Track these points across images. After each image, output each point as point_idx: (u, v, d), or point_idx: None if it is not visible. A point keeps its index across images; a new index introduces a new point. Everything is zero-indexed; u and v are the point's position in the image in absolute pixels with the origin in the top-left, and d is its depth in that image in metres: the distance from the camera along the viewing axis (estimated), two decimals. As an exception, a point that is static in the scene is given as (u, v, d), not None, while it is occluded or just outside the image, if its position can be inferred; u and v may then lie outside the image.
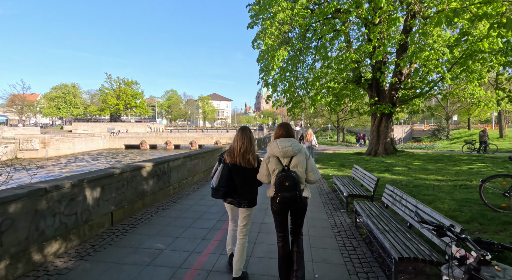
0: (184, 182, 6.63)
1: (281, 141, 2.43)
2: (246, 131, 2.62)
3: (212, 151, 8.79)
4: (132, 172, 4.44)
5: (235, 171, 2.53)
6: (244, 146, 2.53)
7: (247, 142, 2.55)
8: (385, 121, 14.14)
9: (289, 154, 2.35)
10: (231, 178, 2.52)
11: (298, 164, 2.35)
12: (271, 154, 2.42)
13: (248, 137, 2.58)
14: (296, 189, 2.25)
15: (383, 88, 13.88)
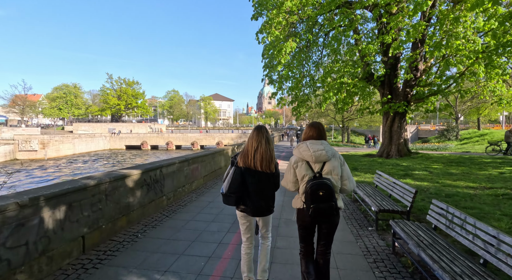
0: (181, 190, 5.78)
1: (312, 143, 2.14)
2: (262, 131, 2.31)
3: (213, 154, 7.94)
4: (113, 182, 3.59)
5: (249, 175, 2.24)
6: (260, 148, 2.24)
7: (264, 143, 2.26)
8: (398, 121, 13.21)
9: (322, 158, 2.07)
10: (243, 183, 2.24)
11: (332, 170, 2.07)
12: (299, 158, 2.12)
13: (265, 138, 2.28)
14: (331, 199, 1.98)
15: (396, 86, 12.95)
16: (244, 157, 2.28)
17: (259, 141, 2.27)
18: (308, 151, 2.10)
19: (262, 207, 2.29)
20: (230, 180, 2.24)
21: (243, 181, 2.24)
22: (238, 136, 49.66)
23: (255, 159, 2.24)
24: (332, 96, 9.30)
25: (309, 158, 2.09)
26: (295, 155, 2.21)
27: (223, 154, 8.99)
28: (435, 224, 3.06)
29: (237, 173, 2.24)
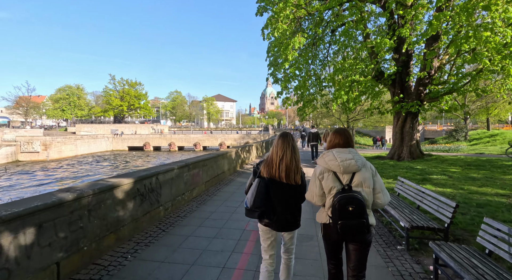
0: (180, 198, 5.23)
1: (339, 151, 1.97)
2: (288, 139, 2.14)
3: (215, 157, 7.39)
4: (98, 195, 3.05)
5: (274, 187, 2.09)
6: (286, 158, 2.09)
7: (290, 153, 2.10)
8: (410, 121, 12.54)
9: (351, 169, 1.88)
10: (268, 196, 2.07)
11: (363, 182, 1.88)
12: (325, 168, 1.95)
13: (291, 147, 2.12)
14: (362, 215, 1.79)
15: (408, 84, 12.31)
16: (268, 166, 2.11)
17: (284, 150, 2.08)
18: (335, 161, 1.90)
19: (288, 220, 2.11)
20: (255, 193, 2.02)
21: (268, 193, 2.06)
22: (241, 137, 49.15)
23: (280, 169, 2.07)
24: (343, 95, 8.71)
25: (336, 168, 1.88)
26: (320, 165, 1.99)
27: (226, 157, 8.44)
28: (491, 249, 2.47)
29: (261, 185, 2.04)
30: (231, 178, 8.30)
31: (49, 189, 16.71)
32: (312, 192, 1.98)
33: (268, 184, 2.07)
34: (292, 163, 2.08)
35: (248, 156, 11.95)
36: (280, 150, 2.09)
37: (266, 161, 2.16)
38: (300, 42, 7.76)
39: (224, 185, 7.24)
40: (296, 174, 2.09)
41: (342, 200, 1.78)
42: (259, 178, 2.09)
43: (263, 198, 2.02)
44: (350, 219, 1.76)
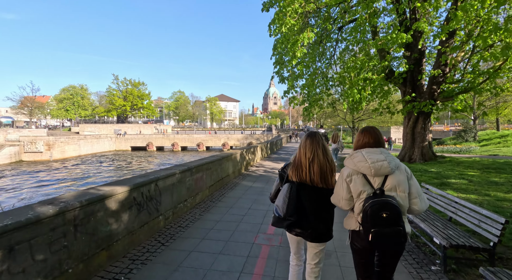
0: (182, 206, 4.81)
1: (369, 152, 1.78)
2: (317, 139, 1.96)
3: (219, 160, 6.96)
4: (87, 207, 2.64)
5: (305, 192, 1.89)
6: (317, 159, 1.89)
7: (321, 153, 1.91)
8: (422, 122, 11.99)
9: (384, 171, 1.69)
10: (301, 203, 1.86)
11: (397, 186, 1.69)
12: (354, 170, 1.77)
13: (321, 147, 1.93)
14: (398, 223, 1.58)
15: (420, 83, 11.77)
16: (297, 170, 1.93)
17: (314, 151, 1.93)
18: (365, 162, 1.75)
19: (321, 230, 1.93)
20: (287, 199, 1.86)
21: (300, 200, 1.89)
22: (244, 137, 48.76)
23: (311, 172, 1.89)
24: (356, 94, 8.22)
25: (366, 170, 1.73)
26: (348, 166, 1.84)
27: (231, 159, 8.01)
28: None
29: (293, 191, 1.88)
30: (236, 181, 7.88)
31: (50, 193, 16.47)
32: (338, 195, 1.81)
33: (299, 189, 1.89)
34: (325, 164, 1.91)
35: (253, 158, 11.52)
36: (309, 151, 1.92)
37: (293, 164, 1.97)
38: (309, 37, 7.30)
39: (229, 189, 6.81)
40: (331, 176, 1.93)
41: (375, 205, 1.62)
42: (289, 183, 1.90)
43: (295, 205, 1.85)
44: (385, 226, 1.60)
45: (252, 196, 6.21)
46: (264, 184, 7.60)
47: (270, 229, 4.12)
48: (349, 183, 1.77)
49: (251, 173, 9.34)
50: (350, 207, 1.79)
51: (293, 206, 1.84)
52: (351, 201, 1.77)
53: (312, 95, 11.94)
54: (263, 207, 5.33)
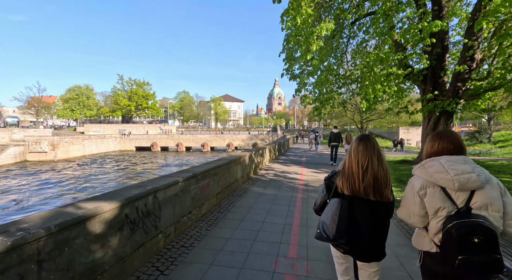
0: (186, 219, 4.12)
1: (450, 161, 1.47)
2: (371, 144, 1.67)
3: (228, 164, 6.26)
4: (59, 234, 1.97)
5: (359, 207, 1.63)
6: (371, 168, 1.61)
7: (376, 161, 1.63)
8: (443, 122, 11.14)
9: (471, 185, 1.39)
10: (354, 220, 1.62)
11: (489, 204, 1.39)
12: (429, 182, 1.49)
13: (376, 153, 1.65)
14: (495, 250, 1.29)
15: (442, 80, 10.92)
16: (348, 180, 1.65)
17: (368, 158, 1.63)
18: (445, 173, 1.43)
19: (376, 247, 1.66)
20: (338, 218, 1.60)
21: (353, 216, 1.62)
22: (249, 138, 48.15)
23: (366, 183, 1.60)
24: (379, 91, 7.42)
25: (447, 183, 1.42)
26: (419, 176, 1.54)
27: (239, 162, 7.32)
28: None
29: (344, 206, 1.62)
30: (245, 187, 7.18)
31: (52, 201, 15.99)
32: (408, 210, 1.57)
33: (351, 205, 1.66)
34: (380, 174, 1.64)
35: (262, 160, 10.81)
36: (362, 158, 1.66)
37: (343, 173, 1.72)
38: (327, 28, 6.57)
39: (238, 197, 6.11)
40: (386, 187, 1.66)
41: (462, 227, 1.35)
42: (339, 198, 1.66)
43: (349, 224, 1.62)
44: (477, 254, 1.32)
45: (264, 205, 5.50)
46: (276, 190, 6.89)
47: (291, 251, 3.41)
48: (422, 197, 1.51)
49: (260, 177, 8.63)
50: (424, 224, 1.55)
51: (345, 225, 1.61)
52: (426, 218, 1.53)
53: (323, 93, 11.22)
54: (279, 219, 4.62)
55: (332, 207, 1.66)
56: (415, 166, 1.66)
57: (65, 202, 13.64)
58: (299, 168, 11.15)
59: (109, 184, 18.98)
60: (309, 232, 4.07)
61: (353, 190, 1.64)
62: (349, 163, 1.69)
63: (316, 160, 14.57)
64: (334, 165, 12.53)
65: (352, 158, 1.69)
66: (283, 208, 5.28)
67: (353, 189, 1.64)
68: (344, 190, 1.66)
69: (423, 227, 1.58)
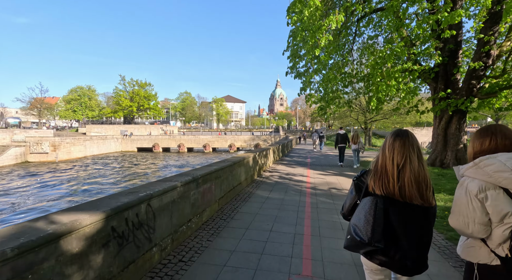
0: (185, 228, 3.69)
1: (511, 157, 1.30)
2: (410, 140, 1.47)
3: (231, 166, 5.83)
4: (19, 259, 1.54)
5: (395, 210, 1.43)
6: (410, 166, 1.42)
7: (416, 159, 1.44)
8: (456, 122, 10.64)
9: None
10: (389, 224, 1.43)
11: None
12: (489, 184, 1.32)
13: (416, 151, 1.46)
14: None
15: (455, 78, 10.43)
16: (381, 179, 1.46)
17: (405, 156, 1.43)
18: (509, 172, 1.26)
19: (417, 259, 1.44)
20: (373, 219, 1.40)
21: (388, 219, 1.43)
22: (251, 138, 47.77)
23: (402, 184, 1.41)
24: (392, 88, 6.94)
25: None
26: (474, 178, 1.36)
27: (243, 164, 6.88)
28: None
29: (378, 209, 1.42)
30: (249, 190, 6.74)
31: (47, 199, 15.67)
32: (466, 218, 1.35)
33: (386, 206, 1.43)
34: (420, 174, 1.42)
35: (266, 161, 10.38)
36: (398, 155, 1.44)
37: (375, 171, 1.51)
38: (337, 20, 6.13)
39: (242, 201, 5.68)
40: (428, 190, 1.43)
41: None
42: (372, 197, 1.44)
43: (384, 226, 1.41)
44: None
45: (271, 211, 5.06)
46: (283, 194, 6.44)
47: (305, 267, 2.96)
48: (483, 201, 1.34)
49: (265, 180, 8.19)
50: (487, 234, 1.36)
51: (381, 229, 1.43)
52: (489, 226, 1.35)
53: (329, 92, 10.78)
54: (288, 228, 4.17)
55: (365, 206, 1.48)
56: (461, 166, 1.49)
57: (61, 206, 13.29)
58: (305, 169, 10.70)
59: (108, 186, 18.64)
60: (323, 243, 3.63)
61: (386, 190, 1.46)
62: (383, 161, 1.51)
63: (321, 161, 14.10)
64: (342, 166, 12.17)
65: (386, 155, 1.50)
66: (292, 215, 4.84)
67: (387, 189, 1.45)
68: (376, 189, 1.48)
69: (484, 236, 1.39)
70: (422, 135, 44.13)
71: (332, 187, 7.41)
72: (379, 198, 1.46)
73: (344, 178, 8.87)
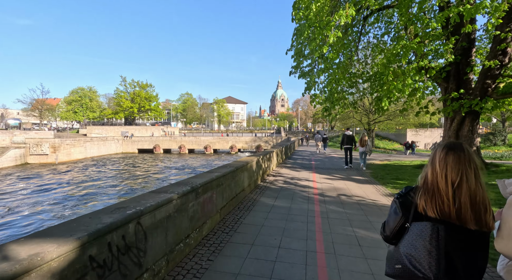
0: (182, 246, 3.25)
1: None
2: (466, 155, 1.26)
3: (233, 172, 5.39)
4: None
5: (452, 236, 1.22)
6: (465, 185, 1.22)
7: (472, 177, 1.23)
8: (469, 123, 10.16)
9: None
10: (449, 256, 1.22)
11: None
12: None
13: (473, 168, 1.24)
14: None
15: (468, 77, 9.97)
16: (434, 199, 1.24)
17: (461, 173, 1.23)
18: None
19: None
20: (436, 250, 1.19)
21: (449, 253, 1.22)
22: (252, 140, 47.33)
23: (459, 205, 1.21)
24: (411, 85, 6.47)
25: None
26: None
27: (246, 169, 6.44)
28: None
29: (442, 235, 1.19)
30: (252, 197, 6.29)
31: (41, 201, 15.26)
32: None
33: (448, 233, 1.21)
34: (478, 195, 1.21)
35: (269, 165, 9.93)
36: (453, 172, 1.23)
37: (425, 189, 1.29)
38: (347, 15, 5.69)
39: (246, 211, 5.23)
40: (487, 212, 1.21)
41: None
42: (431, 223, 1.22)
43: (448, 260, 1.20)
44: None
45: (278, 222, 4.61)
46: (289, 201, 5.99)
47: (323, 297, 2.51)
48: None
49: (269, 185, 7.74)
50: None
51: (445, 262, 1.19)
52: None
53: (334, 93, 10.34)
54: (298, 244, 3.72)
55: (422, 234, 1.27)
56: (507, 180, 1.42)
57: (57, 212, 12.87)
58: (310, 173, 10.24)
59: (106, 189, 18.23)
60: (340, 263, 3.17)
61: (441, 212, 1.27)
62: (433, 177, 1.32)
63: (326, 164, 13.63)
64: (351, 167, 11.78)
65: (437, 171, 1.31)
66: (301, 227, 4.39)
67: (441, 211, 1.27)
68: (428, 211, 1.28)
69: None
70: (425, 137, 43.59)
71: (341, 193, 6.95)
72: (439, 223, 1.27)
73: (352, 183, 8.40)
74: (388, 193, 7.02)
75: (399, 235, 1.38)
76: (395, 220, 1.39)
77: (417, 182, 1.40)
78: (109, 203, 14.21)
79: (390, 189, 7.50)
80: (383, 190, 7.45)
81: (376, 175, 9.86)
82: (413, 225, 1.31)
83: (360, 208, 5.60)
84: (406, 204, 1.36)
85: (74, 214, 12.38)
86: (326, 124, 67.26)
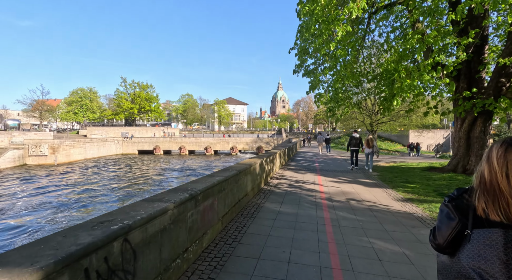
0: (179, 263, 2.84)
1: None
2: None
3: (236, 175, 4.98)
4: None
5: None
6: None
7: None
8: (481, 124, 9.76)
9: None
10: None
11: None
12: None
13: None
14: None
15: (480, 76, 9.58)
16: (497, 200, 1.06)
17: None
18: None
19: None
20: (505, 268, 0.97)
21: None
22: (253, 141, 46.94)
23: None
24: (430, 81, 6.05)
25: None
26: None
27: (249, 172, 6.04)
28: None
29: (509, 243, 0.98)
30: (256, 202, 5.88)
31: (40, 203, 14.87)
32: None
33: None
34: None
35: (272, 167, 9.52)
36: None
37: (484, 189, 1.10)
38: (359, 7, 5.30)
39: (250, 218, 4.82)
40: None
41: None
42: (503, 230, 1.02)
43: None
44: None
45: (285, 231, 4.20)
46: (296, 207, 5.58)
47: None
48: None
49: (273, 189, 7.33)
50: None
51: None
52: None
53: (340, 92, 9.95)
54: (310, 257, 3.31)
55: (493, 243, 1.03)
56: None
57: (50, 217, 12.46)
58: (315, 176, 9.83)
59: (104, 191, 17.83)
60: (360, 282, 2.76)
61: (507, 216, 1.05)
62: (491, 176, 1.11)
63: (330, 166, 13.21)
64: (357, 169, 11.49)
65: (495, 169, 1.10)
66: (311, 237, 3.97)
67: (507, 214, 1.05)
68: (491, 214, 1.06)
69: None
70: (428, 138, 43.11)
71: (349, 197, 6.53)
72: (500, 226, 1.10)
73: (360, 186, 7.98)
74: (400, 198, 6.60)
75: (455, 243, 1.20)
76: (449, 225, 1.23)
77: (472, 182, 1.24)
78: (107, 205, 13.79)
79: (401, 193, 7.07)
80: (394, 194, 7.03)
81: (384, 178, 9.44)
82: (476, 232, 1.11)
83: (372, 214, 5.18)
84: (461, 208, 1.20)
85: (69, 217, 11.97)
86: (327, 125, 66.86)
